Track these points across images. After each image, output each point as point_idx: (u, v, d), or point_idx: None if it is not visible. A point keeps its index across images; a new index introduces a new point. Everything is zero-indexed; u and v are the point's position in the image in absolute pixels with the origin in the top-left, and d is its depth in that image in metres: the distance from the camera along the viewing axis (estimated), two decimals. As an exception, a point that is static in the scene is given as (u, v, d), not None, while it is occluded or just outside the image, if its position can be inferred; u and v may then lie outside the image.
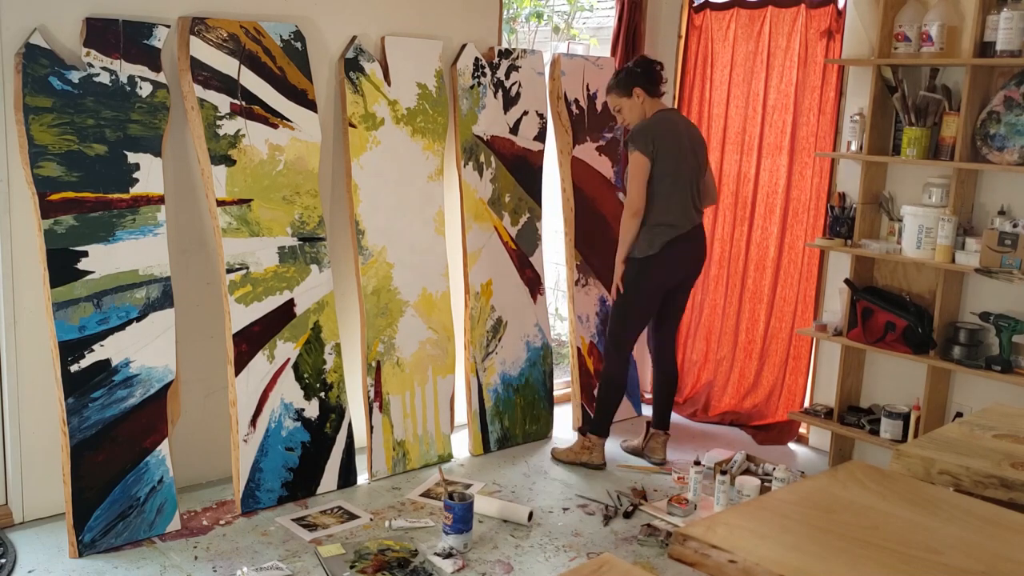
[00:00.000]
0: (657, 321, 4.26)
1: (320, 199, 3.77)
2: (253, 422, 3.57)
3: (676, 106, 4.99)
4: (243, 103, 3.54)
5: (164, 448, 3.37)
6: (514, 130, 4.41)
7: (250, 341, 3.56)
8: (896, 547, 1.57)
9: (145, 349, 3.33)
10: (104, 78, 3.24)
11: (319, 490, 3.76)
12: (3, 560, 3.13)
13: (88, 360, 3.20)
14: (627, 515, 3.68)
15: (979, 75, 3.74)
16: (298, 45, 3.70)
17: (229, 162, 3.51)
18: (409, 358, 4.05)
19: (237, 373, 3.52)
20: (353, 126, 3.87)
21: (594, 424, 4.21)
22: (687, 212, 3.98)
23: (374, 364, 3.93)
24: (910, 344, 3.97)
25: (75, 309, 3.18)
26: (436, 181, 4.14)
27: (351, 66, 3.87)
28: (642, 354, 5.21)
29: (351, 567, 3.14)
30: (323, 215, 3.79)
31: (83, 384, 3.19)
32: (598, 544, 3.46)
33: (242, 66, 3.53)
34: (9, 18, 3.10)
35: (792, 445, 4.63)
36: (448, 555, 3.26)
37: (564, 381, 5.01)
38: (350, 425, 3.86)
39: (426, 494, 3.83)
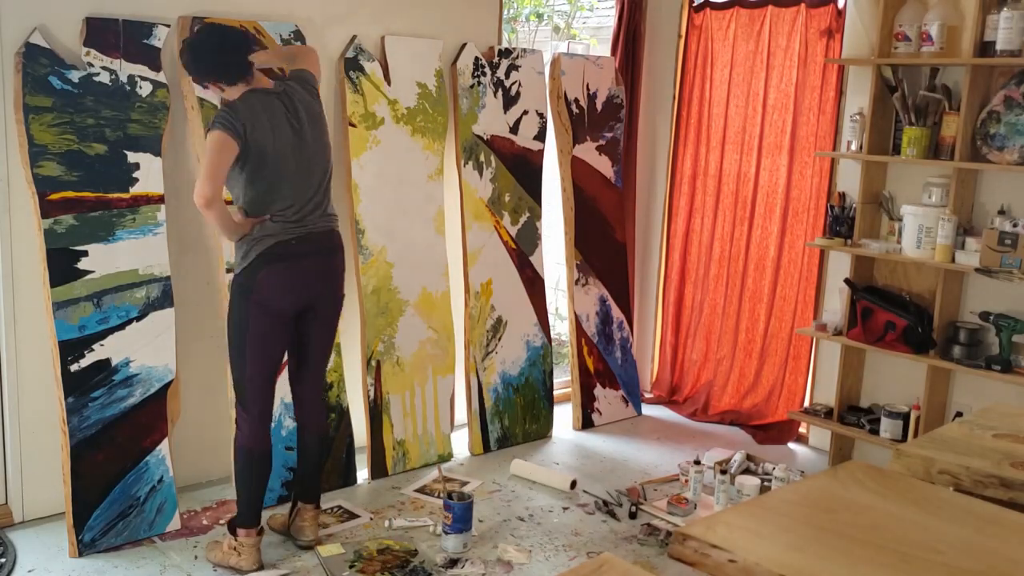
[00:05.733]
0: (294, 363, 3.30)
1: (320, 199, 3.77)
2: (253, 422, 3.56)
3: (676, 106, 4.99)
4: (243, 103, 3.54)
5: (164, 447, 3.37)
6: (514, 130, 4.40)
7: (250, 341, 3.55)
8: (896, 547, 1.57)
9: (145, 349, 3.33)
10: (104, 77, 3.24)
11: (319, 490, 3.76)
12: (3, 560, 3.13)
13: (88, 360, 3.20)
14: (632, 515, 3.68)
15: (979, 75, 3.74)
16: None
17: (229, 162, 3.50)
18: (409, 357, 4.05)
19: (237, 373, 3.52)
20: (353, 125, 3.87)
21: (237, 515, 3.17)
22: (301, 212, 3.07)
23: (374, 363, 3.93)
24: (910, 344, 3.97)
25: (75, 309, 3.18)
26: (436, 180, 4.14)
27: (351, 65, 3.86)
28: (642, 348, 5.21)
29: (351, 567, 3.14)
30: (323, 215, 3.78)
31: (83, 384, 3.19)
32: (598, 543, 3.46)
33: (242, 66, 3.53)
34: (9, 18, 3.10)
35: (792, 445, 4.63)
36: (450, 565, 3.25)
37: (564, 380, 5.00)
38: (350, 424, 3.86)
39: (421, 489, 3.84)
